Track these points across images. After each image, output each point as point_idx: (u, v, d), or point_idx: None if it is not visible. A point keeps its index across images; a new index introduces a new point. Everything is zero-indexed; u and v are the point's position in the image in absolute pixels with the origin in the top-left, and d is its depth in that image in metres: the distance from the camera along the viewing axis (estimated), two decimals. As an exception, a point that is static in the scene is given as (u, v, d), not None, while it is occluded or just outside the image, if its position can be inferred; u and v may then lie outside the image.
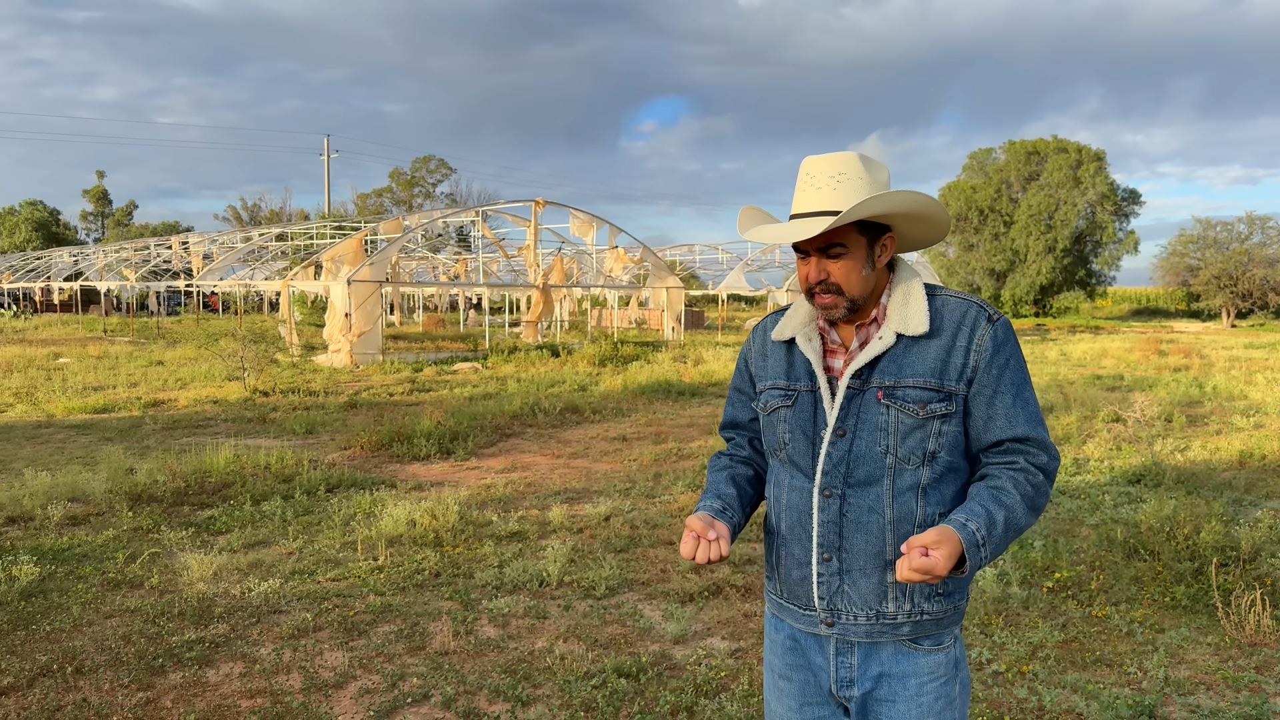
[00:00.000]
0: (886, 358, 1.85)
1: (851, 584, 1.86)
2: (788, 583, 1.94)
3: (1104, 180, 43.59)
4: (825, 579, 1.87)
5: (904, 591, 1.85)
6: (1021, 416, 1.83)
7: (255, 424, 11.22)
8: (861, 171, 1.84)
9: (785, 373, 1.97)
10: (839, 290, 1.86)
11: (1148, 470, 7.76)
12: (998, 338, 1.85)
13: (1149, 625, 4.54)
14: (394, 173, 64.41)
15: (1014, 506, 1.77)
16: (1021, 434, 1.82)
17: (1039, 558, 5.45)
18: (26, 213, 59.06)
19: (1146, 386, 14.34)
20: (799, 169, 1.90)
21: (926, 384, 1.82)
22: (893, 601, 1.85)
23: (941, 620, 1.88)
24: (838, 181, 1.83)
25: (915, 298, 1.88)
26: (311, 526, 6.32)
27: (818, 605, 1.89)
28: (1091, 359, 20.15)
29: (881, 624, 1.86)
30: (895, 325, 1.86)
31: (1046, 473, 1.83)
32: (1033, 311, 46.14)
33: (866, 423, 1.84)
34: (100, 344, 23.48)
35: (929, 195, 1.85)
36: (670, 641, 4.38)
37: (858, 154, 1.86)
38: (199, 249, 35.41)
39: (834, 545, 1.86)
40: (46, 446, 9.65)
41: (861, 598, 1.85)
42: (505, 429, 10.59)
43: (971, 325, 1.85)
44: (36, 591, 4.95)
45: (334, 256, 20.87)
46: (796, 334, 1.96)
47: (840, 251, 1.85)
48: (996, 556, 1.76)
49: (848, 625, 1.87)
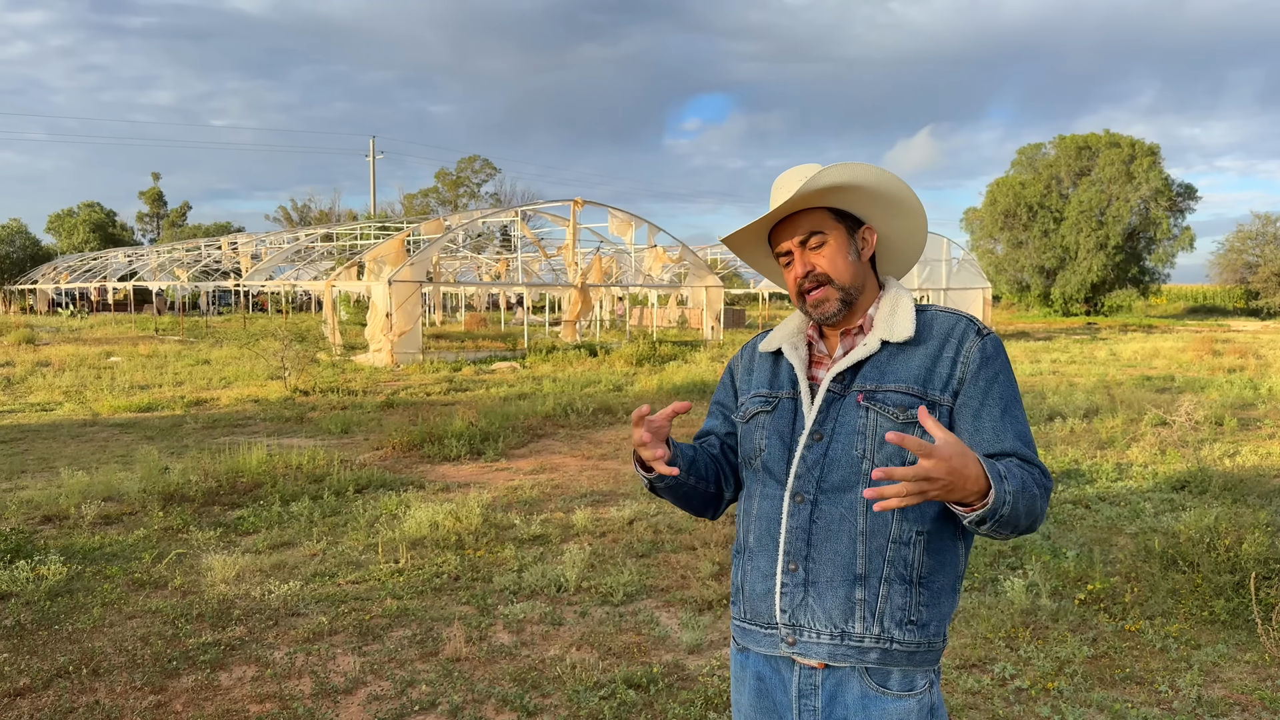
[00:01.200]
0: (870, 363, 1.80)
1: (816, 596, 1.76)
2: (751, 599, 1.85)
3: (1158, 175, 42.48)
4: (789, 590, 1.78)
5: (872, 612, 1.74)
6: (1010, 433, 1.73)
7: (293, 423, 11.35)
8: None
9: (769, 381, 1.92)
10: (828, 279, 1.82)
11: (1193, 476, 7.50)
12: (986, 351, 1.77)
13: (1184, 641, 4.37)
14: (440, 173, 65.08)
15: (1026, 482, 1.63)
16: (1010, 449, 1.72)
17: (1071, 568, 5.28)
18: (84, 214, 60.65)
19: (1198, 388, 13.92)
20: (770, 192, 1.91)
21: (909, 389, 1.75)
22: (859, 621, 1.74)
23: (914, 654, 1.76)
24: (802, 180, 1.82)
25: (903, 308, 1.84)
26: (337, 528, 6.35)
27: (779, 619, 1.79)
28: (1142, 359, 19.64)
29: (846, 645, 1.75)
30: (880, 332, 1.82)
31: (1040, 486, 1.70)
32: (1084, 310, 45.14)
33: (844, 426, 1.77)
34: (150, 343, 24.00)
35: (889, 171, 1.80)
36: (685, 651, 4.31)
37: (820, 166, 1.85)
38: (247, 249, 36.09)
39: (801, 554, 1.77)
40: (89, 445, 9.85)
41: (825, 613, 1.75)
42: (537, 429, 10.59)
43: (960, 337, 1.79)
44: (63, 591, 5.03)
45: (376, 257, 21.10)
46: (783, 344, 1.92)
47: (821, 239, 1.84)
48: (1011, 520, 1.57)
49: (809, 644, 1.77)
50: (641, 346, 20.33)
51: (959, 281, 31.41)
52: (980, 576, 5.26)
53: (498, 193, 65.78)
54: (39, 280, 48.23)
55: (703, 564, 5.48)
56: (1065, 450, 8.85)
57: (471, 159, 64.83)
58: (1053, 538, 6.01)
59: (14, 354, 20.48)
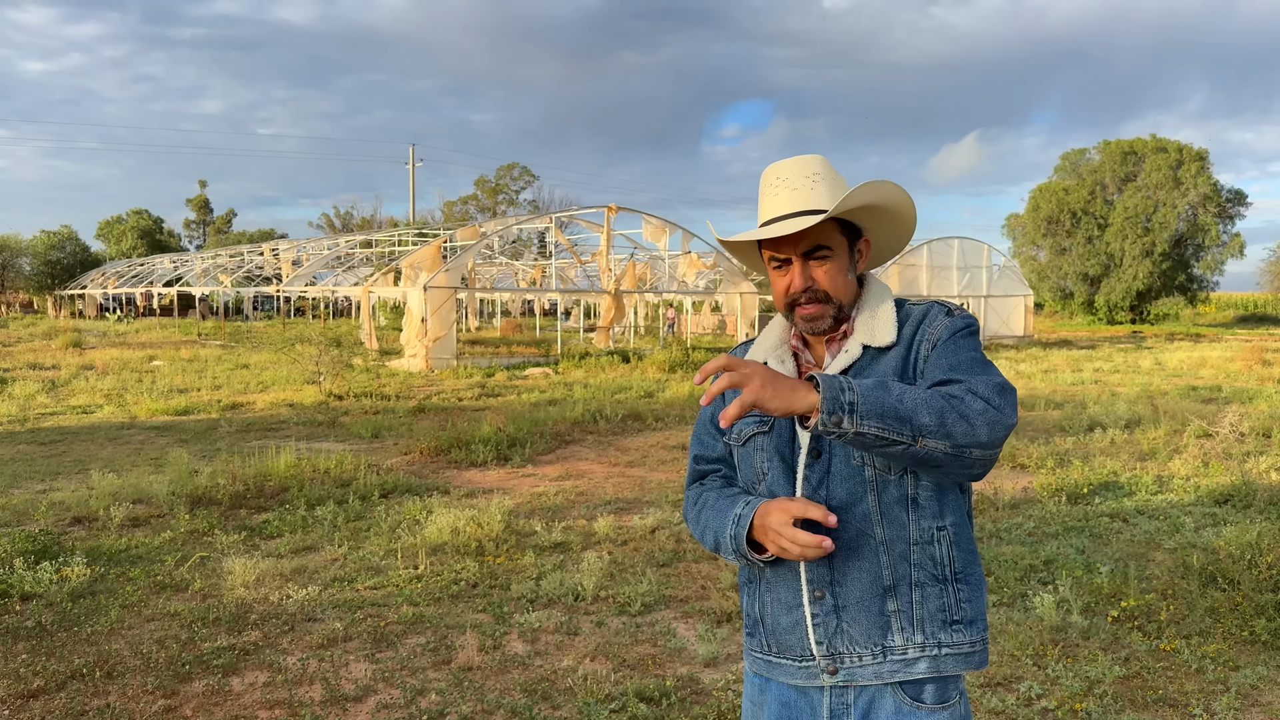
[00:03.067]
0: (852, 371, 1.74)
1: (851, 620, 1.68)
2: (776, 633, 1.76)
3: (1206, 181, 41.54)
4: (821, 619, 1.70)
5: (910, 620, 1.67)
6: (943, 367, 1.65)
7: (325, 427, 11.44)
8: (833, 173, 1.78)
9: None
10: (826, 298, 1.75)
11: (1237, 490, 7.25)
12: (954, 325, 1.72)
13: (1222, 662, 4.19)
14: (479, 180, 65.64)
15: (915, 389, 1.53)
16: (937, 379, 1.62)
17: (1105, 583, 5.11)
18: (133, 221, 62.00)
19: (1246, 399, 13.52)
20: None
21: None
22: (898, 633, 1.67)
23: (969, 656, 1.69)
24: (813, 181, 1.75)
25: (884, 310, 1.78)
26: (360, 533, 6.35)
27: (816, 652, 1.71)
28: (1189, 369, 19.16)
29: (891, 661, 1.67)
30: (862, 337, 1.76)
31: (974, 390, 1.55)
32: (1129, 318, 44.23)
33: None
34: (193, 347, 24.42)
35: (902, 187, 1.74)
36: (701, 664, 4.22)
37: (824, 158, 1.77)
38: (289, 255, 36.62)
39: (825, 579, 1.70)
40: (126, 447, 9.99)
41: (864, 634, 1.68)
42: (565, 436, 10.55)
43: (929, 321, 1.74)
44: (86, 592, 5.07)
45: (413, 263, 21.26)
46: (768, 358, 1.84)
47: (826, 254, 1.75)
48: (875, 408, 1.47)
49: (854, 669, 1.69)
50: (674, 353, 20.25)
51: (1000, 289, 30.93)
52: (1009, 592, 5.11)
53: (536, 200, 66.17)
54: (88, 285, 49.32)
55: (724, 574, 5.38)
56: (1104, 461, 8.62)
57: (510, 166, 65.32)
58: (1086, 552, 5.83)
59: (61, 357, 20.93)
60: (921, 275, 28.56)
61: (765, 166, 1.81)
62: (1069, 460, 8.77)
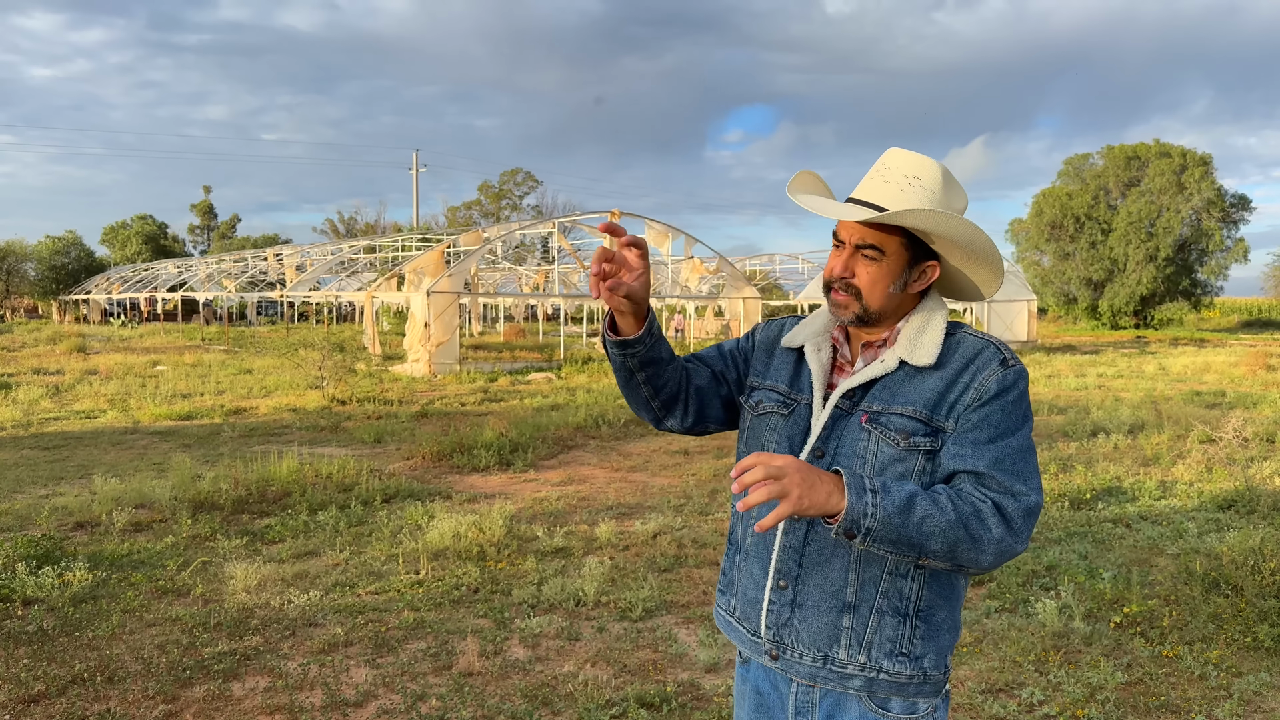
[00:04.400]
0: (883, 383, 1.70)
1: (802, 619, 1.70)
2: (741, 601, 1.80)
3: (1210, 185, 41.47)
4: (775, 608, 1.73)
5: (859, 641, 1.67)
6: (988, 455, 1.60)
7: (327, 432, 11.44)
8: (939, 185, 1.68)
9: (790, 380, 1.82)
10: (857, 294, 1.70)
11: (1240, 495, 7.23)
12: (1005, 381, 1.64)
13: (1225, 668, 4.18)
14: (483, 186, 65.66)
15: (943, 506, 1.52)
16: (978, 470, 1.59)
17: (1108, 589, 5.09)
18: (137, 226, 62.12)
19: (1250, 404, 13.49)
20: (882, 155, 1.74)
21: (915, 414, 1.65)
22: (844, 648, 1.67)
23: (905, 686, 1.67)
24: (909, 183, 1.67)
25: (933, 328, 1.71)
26: (362, 538, 6.35)
27: (764, 634, 1.75)
28: (1192, 373, 19.12)
29: (829, 669, 1.69)
30: (902, 351, 1.70)
31: (1001, 508, 1.56)
32: (1133, 323, 44.14)
33: (846, 447, 1.69)
34: (196, 352, 24.45)
35: (991, 239, 1.67)
36: (702, 669, 4.22)
37: (944, 167, 1.69)
38: (292, 260, 36.65)
39: (791, 574, 1.71)
40: (129, 452, 10.01)
41: (810, 636, 1.69)
42: (567, 441, 10.55)
43: (981, 365, 1.66)
44: (88, 597, 5.07)
45: (416, 268, 21.28)
46: (807, 343, 1.82)
47: (875, 255, 1.69)
48: (890, 535, 1.49)
49: (791, 662, 1.72)
50: (678, 358, 20.22)
51: (1003, 294, 30.89)
52: (1011, 597, 5.09)
53: (539, 205, 66.20)
54: (92, 291, 49.44)
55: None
56: (1107, 467, 8.60)
57: (514, 172, 65.37)
58: (1089, 558, 5.82)
59: (65, 362, 20.97)
60: (925, 280, 28.53)
61: (768, 172, 1.78)
62: (1072, 465, 8.75)
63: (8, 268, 53.49)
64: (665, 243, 23.20)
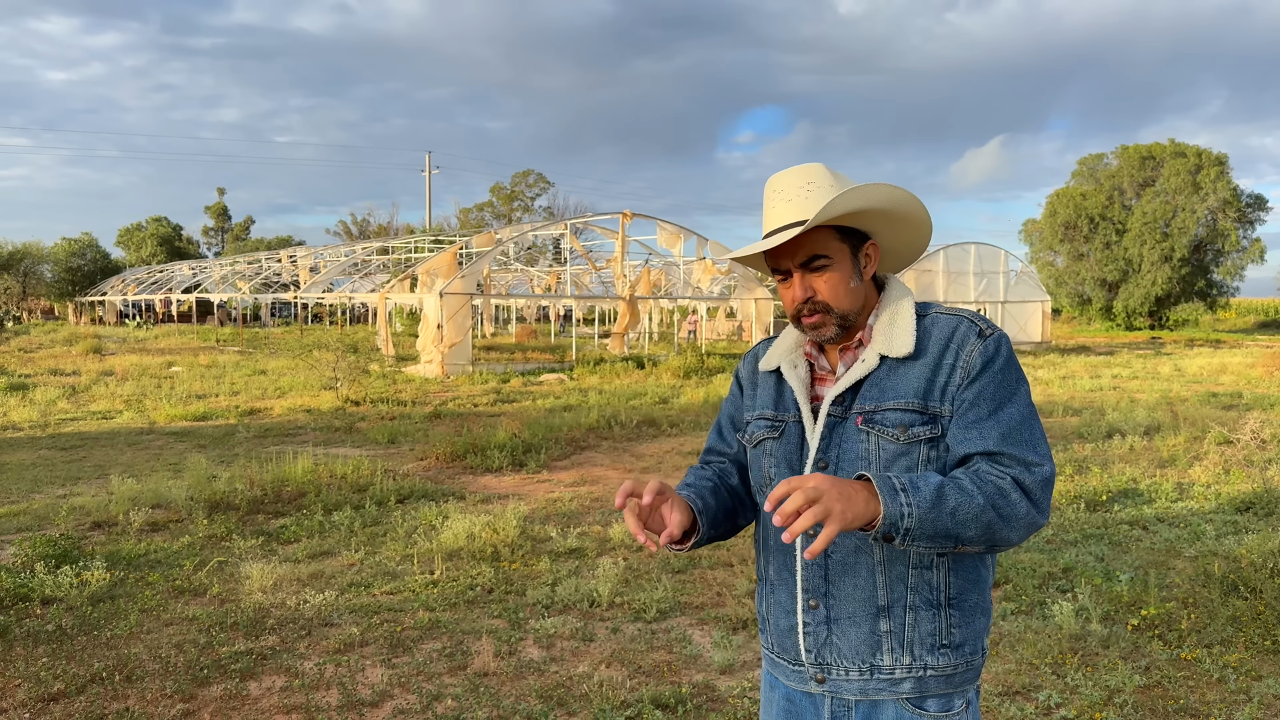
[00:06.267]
0: (869, 382, 1.70)
1: (840, 634, 1.69)
2: (777, 633, 1.79)
3: (1226, 185, 41.18)
4: (812, 629, 1.72)
5: (900, 642, 1.67)
6: (995, 433, 1.61)
7: (342, 433, 11.49)
8: (830, 180, 1.72)
9: (774, 403, 1.83)
10: (827, 308, 1.72)
11: (1258, 497, 7.18)
12: (988, 352, 1.66)
13: (1244, 671, 4.15)
14: (494, 187, 65.80)
15: (969, 491, 1.54)
16: (992, 449, 1.61)
17: (1125, 592, 5.06)
18: (152, 228, 62.53)
19: (1267, 405, 13.38)
20: (764, 190, 1.78)
21: (909, 405, 1.66)
22: (888, 653, 1.67)
23: (952, 677, 1.69)
24: (808, 191, 1.71)
25: (903, 317, 1.73)
26: (377, 538, 6.37)
27: (805, 659, 1.73)
28: (1209, 375, 18.98)
29: (877, 679, 1.68)
30: (879, 347, 1.71)
31: (1020, 483, 1.57)
32: (1147, 324, 43.87)
33: (847, 453, 1.68)
34: (211, 353, 24.59)
35: (902, 188, 1.69)
36: (716, 671, 4.21)
37: (823, 165, 1.73)
38: (306, 262, 36.82)
39: (820, 590, 1.71)
40: (145, 453, 10.07)
41: (852, 649, 1.69)
42: (580, 442, 10.56)
43: (960, 342, 1.68)
44: (105, 597, 5.10)
45: (429, 270, 21.34)
46: (781, 363, 1.83)
47: (824, 264, 1.71)
48: (928, 531, 1.50)
49: (839, 681, 1.70)
50: (689, 359, 20.23)
51: (1017, 294, 30.76)
52: (1028, 600, 5.07)
53: (551, 206, 66.27)
54: (108, 292, 49.78)
55: (739, 581, 5.37)
56: (1123, 469, 8.55)
57: (526, 173, 65.46)
58: (1106, 560, 5.78)
59: (81, 363, 21.12)
60: (938, 281, 28.44)
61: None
62: (1088, 467, 8.70)
63: (24, 269, 53.91)
64: (677, 244, 23.20)
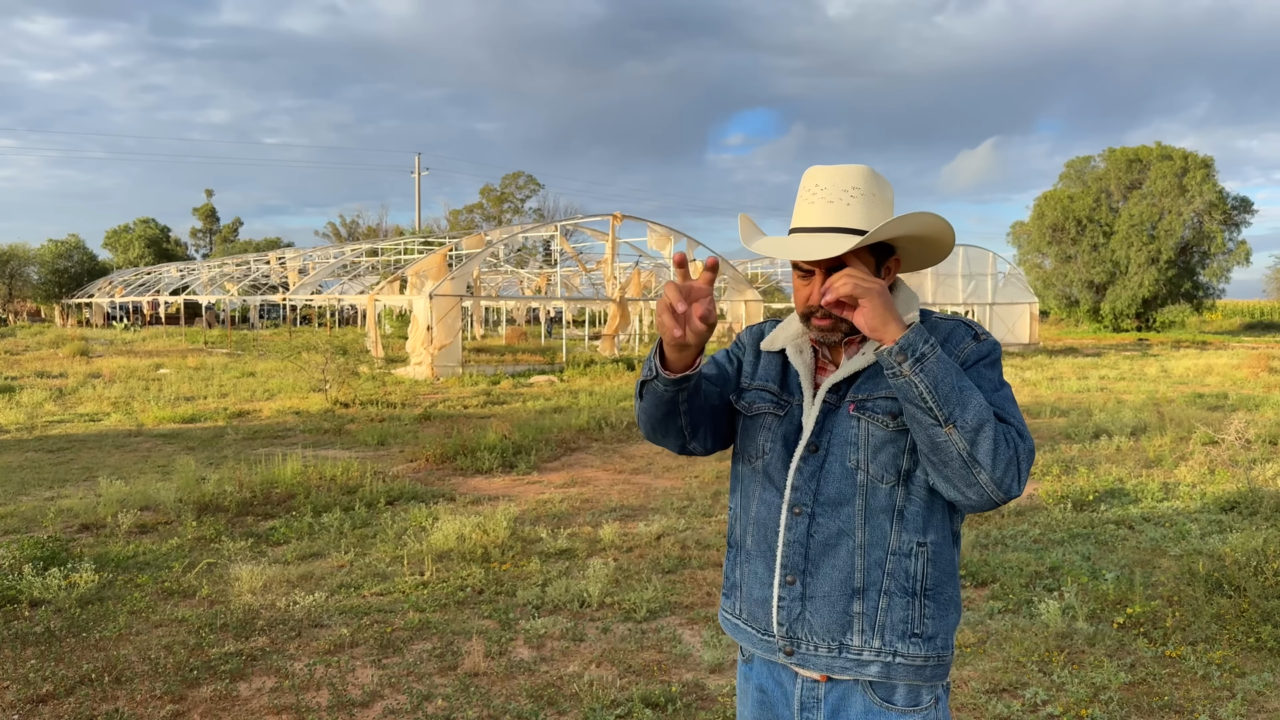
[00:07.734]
0: (865, 374, 1.75)
1: (814, 611, 1.73)
2: (748, 602, 1.82)
3: (1212, 188, 41.47)
4: (786, 604, 1.75)
5: (871, 625, 1.70)
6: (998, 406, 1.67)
7: (331, 435, 11.46)
8: (875, 188, 1.73)
9: (780, 380, 1.86)
10: (840, 317, 1.73)
11: (1242, 497, 7.24)
12: (980, 350, 1.74)
13: (1228, 668, 4.19)
14: (484, 189, 65.69)
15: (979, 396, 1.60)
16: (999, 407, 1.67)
17: (1110, 590, 5.10)
18: (140, 230, 62.17)
19: (1252, 406, 13.49)
20: (801, 180, 1.77)
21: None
22: (858, 634, 1.71)
23: (922, 669, 1.71)
24: (851, 196, 1.71)
25: (909, 319, 1.75)
26: (366, 539, 6.37)
27: (776, 631, 1.77)
28: (1194, 376, 19.12)
29: (845, 658, 1.71)
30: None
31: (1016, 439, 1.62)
32: (1135, 326, 44.12)
33: (838, 438, 1.74)
34: (199, 355, 24.49)
35: (943, 218, 1.72)
36: (706, 670, 4.23)
37: (869, 168, 1.74)
38: (295, 264, 36.69)
39: (798, 568, 1.74)
40: (133, 455, 10.03)
41: (824, 627, 1.72)
42: (570, 443, 10.57)
43: (955, 340, 1.75)
44: (94, 599, 5.09)
45: (418, 271, 21.31)
46: (787, 345, 1.86)
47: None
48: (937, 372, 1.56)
49: (807, 655, 1.74)
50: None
51: (1005, 296, 30.91)
52: (1014, 598, 5.11)
53: (541, 208, 66.22)
54: (95, 294, 49.50)
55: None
56: (1110, 469, 8.61)
57: (516, 175, 65.40)
58: (1092, 559, 5.83)
59: (68, 365, 21.01)
60: (927, 283, 28.56)
61: (769, 175, 1.81)
62: (1075, 467, 8.76)
63: (10, 271, 53.57)
64: (667, 245, 23.22)
